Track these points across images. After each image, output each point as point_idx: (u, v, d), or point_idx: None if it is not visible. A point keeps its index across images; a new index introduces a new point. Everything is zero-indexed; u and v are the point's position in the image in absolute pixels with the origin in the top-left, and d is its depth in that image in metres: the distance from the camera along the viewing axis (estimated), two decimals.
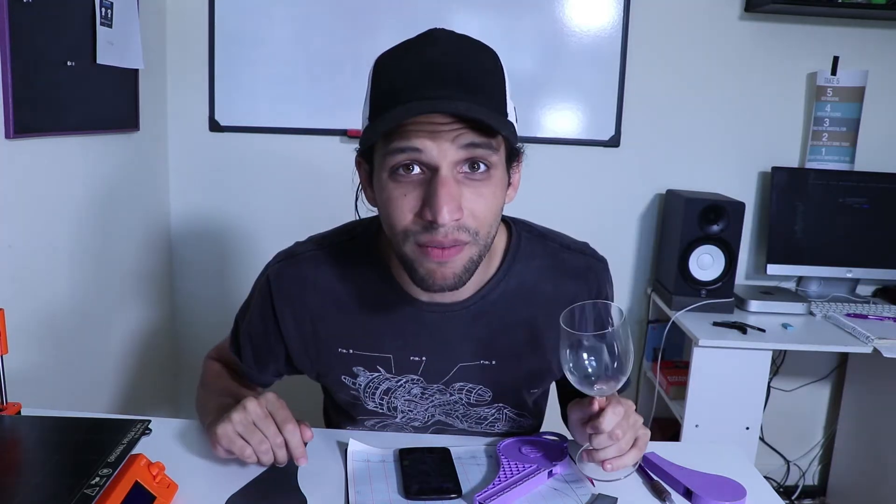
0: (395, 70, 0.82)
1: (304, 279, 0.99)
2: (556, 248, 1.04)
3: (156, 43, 2.09)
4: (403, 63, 0.81)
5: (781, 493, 2.41)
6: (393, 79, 0.81)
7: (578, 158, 2.27)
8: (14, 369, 1.06)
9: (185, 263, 2.30)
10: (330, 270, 0.99)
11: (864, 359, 2.19)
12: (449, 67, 0.80)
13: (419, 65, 0.80)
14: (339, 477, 0.92)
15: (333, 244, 1.01)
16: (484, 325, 0.98)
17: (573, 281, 1.02)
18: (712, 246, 2.03)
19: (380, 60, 0.85)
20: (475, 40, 0.85)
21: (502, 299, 0.98)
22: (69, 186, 1.66)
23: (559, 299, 0.97)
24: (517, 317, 0.99)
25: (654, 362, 2.16)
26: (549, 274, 1.01)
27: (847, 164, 2.25)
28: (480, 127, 0.79)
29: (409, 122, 0.78)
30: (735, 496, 0.88)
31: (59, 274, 1.64)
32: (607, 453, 0.86)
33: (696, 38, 2.22)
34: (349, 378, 1.03)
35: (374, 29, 2.15)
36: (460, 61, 0.81)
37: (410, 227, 0.82)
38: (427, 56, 0.80)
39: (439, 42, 0.82)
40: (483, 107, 0.79)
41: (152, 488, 0.79)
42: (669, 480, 0.92)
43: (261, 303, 1.02)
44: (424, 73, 0.79)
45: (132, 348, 2.03)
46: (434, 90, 0.78)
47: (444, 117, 0.79)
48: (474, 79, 0.81)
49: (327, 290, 0.99)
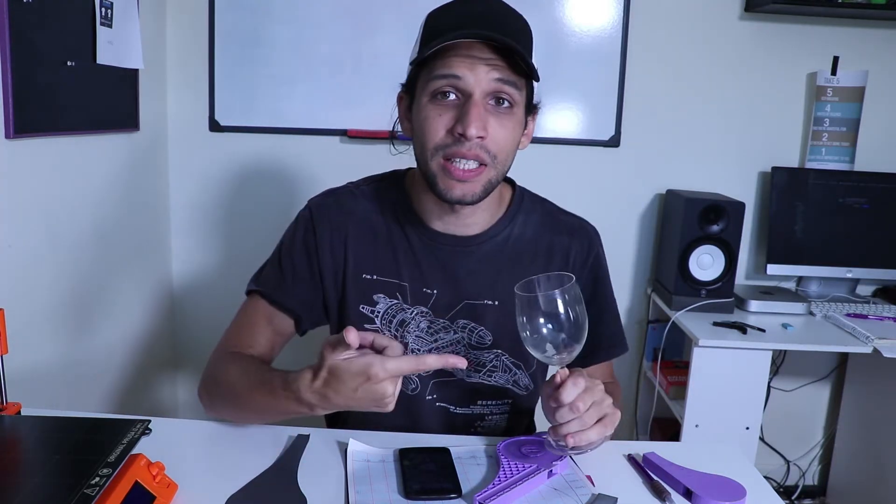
0: (442, 16, 0.98)
1: (341, 207, 1.12)
2: (552, 209, 1.19)
3: (156, 43, 2.09)
4: (453, 11, 0.98)
5: (781, 493, 2.41)
6: (440, 23, 0.97)
7: (578, 158, 2.27)
8: (14, 369, 1.06)
9: (184, 263, 2.30)
10: (363, 203, 1.12)
11: (865, 359, 2.19)
12: (491, 17, 0.95)
13: (466, 11, 0.96)
14: (339, 477, 0.92)
15: (368, 182, 1.16)
16: (488, 265, 1.10)
17: (567, 236, 1.15)
18: (712, 246, 2.03)
19: (431, 14, 1.00)
20: (514, 9, 1.01)
21: (506, 243, 1.11)
22: (69, 186, 1.66)
23: (554, 251, 1.13)
24: (517, 262, 1.11)
25: (654, 362, 2.16)
26: (547, 228, 1.14)
27: (847, 164, 2.25)
28: (511, 66, 0.95)
29: (452, 52, 0.94)
30: (735, 496, 0.88)
31: (59, 274, 1.64)
32: (570, 427, 0.88)
33: (696, 38, 2.23)
34: (368, 307, 1.10)
35: (374, 29, 2.15)
36: (503, 14, 0.97)
37: (441, 142, 0.97)
38: (474, 7, 0.96)
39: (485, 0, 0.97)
40: (518, 45, 0.93)
41: (152, 488, 0.79)
42: (669, 480, 0.92)
43: (302, 231, 1.11)
44: (469, 17, 0.94)
45: (132, 348, 2.03)
46: (477, 29, 0.92)
47: (482, 51, 0.94)
48: (512, 31, 0.96)
49: (360, 219, 1.11)
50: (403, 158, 2.20)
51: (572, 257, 1.15)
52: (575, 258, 1.15)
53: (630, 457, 0.99)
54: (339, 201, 1.12)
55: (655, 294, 2.25)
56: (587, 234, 1.17)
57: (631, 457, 0.99)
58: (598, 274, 1.18)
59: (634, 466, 0.97)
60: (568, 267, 1.14)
